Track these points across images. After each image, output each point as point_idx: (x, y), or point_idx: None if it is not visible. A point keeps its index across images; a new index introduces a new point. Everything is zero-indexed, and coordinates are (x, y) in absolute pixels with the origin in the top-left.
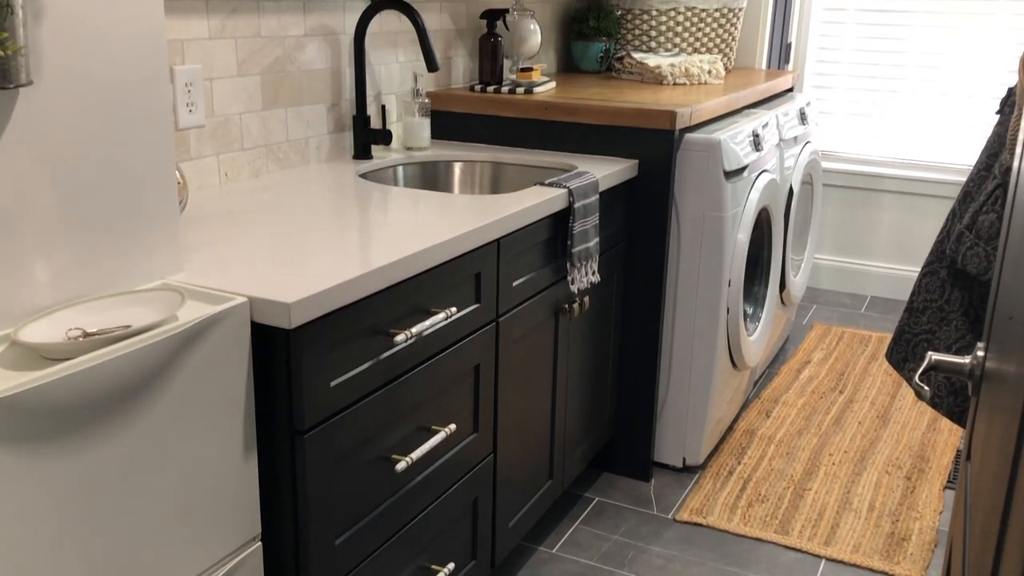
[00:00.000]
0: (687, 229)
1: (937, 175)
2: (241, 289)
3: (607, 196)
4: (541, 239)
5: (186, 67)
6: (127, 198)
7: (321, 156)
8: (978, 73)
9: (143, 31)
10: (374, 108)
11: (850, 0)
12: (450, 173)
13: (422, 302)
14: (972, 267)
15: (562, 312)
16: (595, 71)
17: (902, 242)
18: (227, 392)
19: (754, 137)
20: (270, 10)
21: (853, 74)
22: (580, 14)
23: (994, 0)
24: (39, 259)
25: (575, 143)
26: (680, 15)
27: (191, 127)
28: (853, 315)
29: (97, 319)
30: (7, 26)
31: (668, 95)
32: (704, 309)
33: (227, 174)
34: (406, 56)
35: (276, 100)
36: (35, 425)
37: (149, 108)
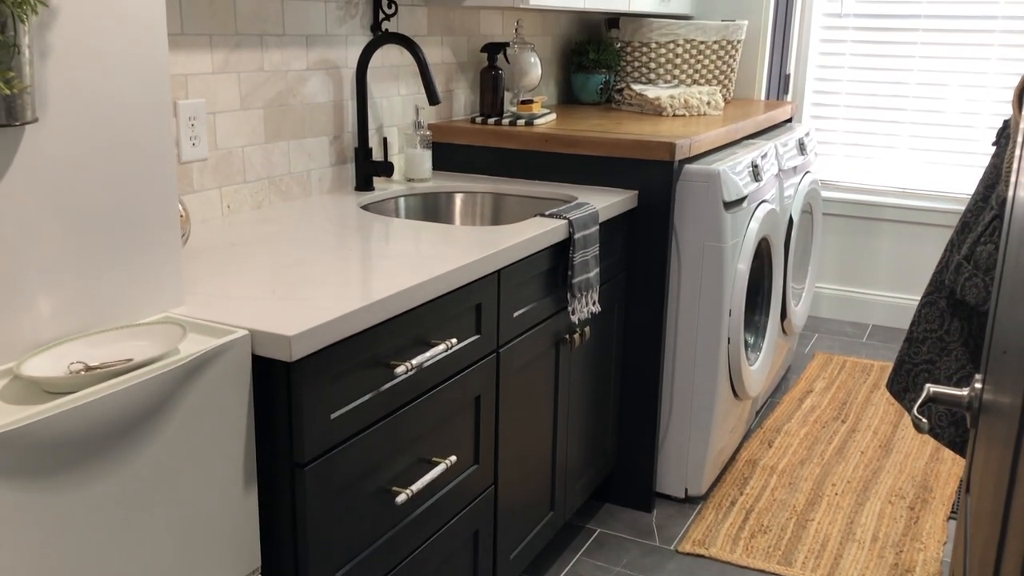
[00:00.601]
0: (687, 259)
1: (936, 204)
2: (242, 322)
3: (607, 227)
4: (541, 270)
5: (189, 101)
6: (130, 232)
7: (323, 188)
8: (976, 102)
9: (147, 67)
10: (376, 140)
11: (848, 32)
12: (451, 204)
13: (423, 333)
14: (971, 297)
15: (563, 342)
16: (595, 102)
17: (903, 271)
18: (227, 425)
19: (753, 168)
20: (273, 45)
21: (852, 104)
22: (580, 47)
23: (990, 32)
24: (42, 293)
25: (575, 174)
26: (679, 47)
27: (194, 160)
28: (855, 344)
29: (99, 352)
30: (13, 65)
31: (668, 126)
32: (705, 339)
33: (229, 206)
34: (408, 89)
35: (279, 133)
36: (37, 459)
37: (152, 143)
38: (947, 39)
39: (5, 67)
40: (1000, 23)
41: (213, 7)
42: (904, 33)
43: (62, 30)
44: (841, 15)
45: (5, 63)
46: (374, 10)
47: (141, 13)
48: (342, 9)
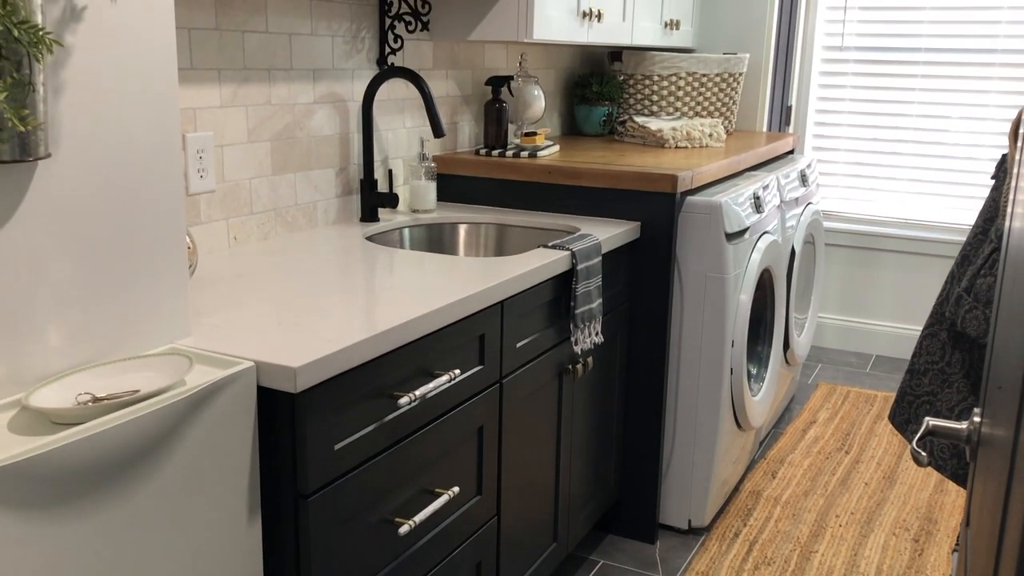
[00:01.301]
0: (690, 290)
1: (938, 235)
2: (248, 353)
3: (610, 257)
4: (544, 300)
5: (198, 134)
6: (138, 264)
7: (329, 219)
8: (977, 134)
9: (158, 102)
10: (381, 172)
11: (848, 65)
12: (455, 235)
13: (426, 364)
14: (971, 330)
15: (566, 373)
16: (598, 134)
17: (906, 301)
18: (232, 455)
19: (755, 199)
20: (280, 79)
21: (853, 136)
22: (583, 79)
23: (989, 66)
24: (52, 325)
25: (578, 206)
26: (681, 80)
27: (202, 192)
28: (858, 374)
29: (106, 383)
30: (28, 103)
31: (670, 158)
32: (708, 369)
33: (236, 238)
34: (413, 121)
35: (285, 165)
36: (44, 490)
37: (161, 176)
38: (947, 72)
39: (20, 105)
40: (999, 56)
41: (222, 42)
42: (904, 66)
43: (75, 68)
44: (842, 48)
45: (20, 101)
46: (380, 44)
47: (153, 50)
48: (348, 44)
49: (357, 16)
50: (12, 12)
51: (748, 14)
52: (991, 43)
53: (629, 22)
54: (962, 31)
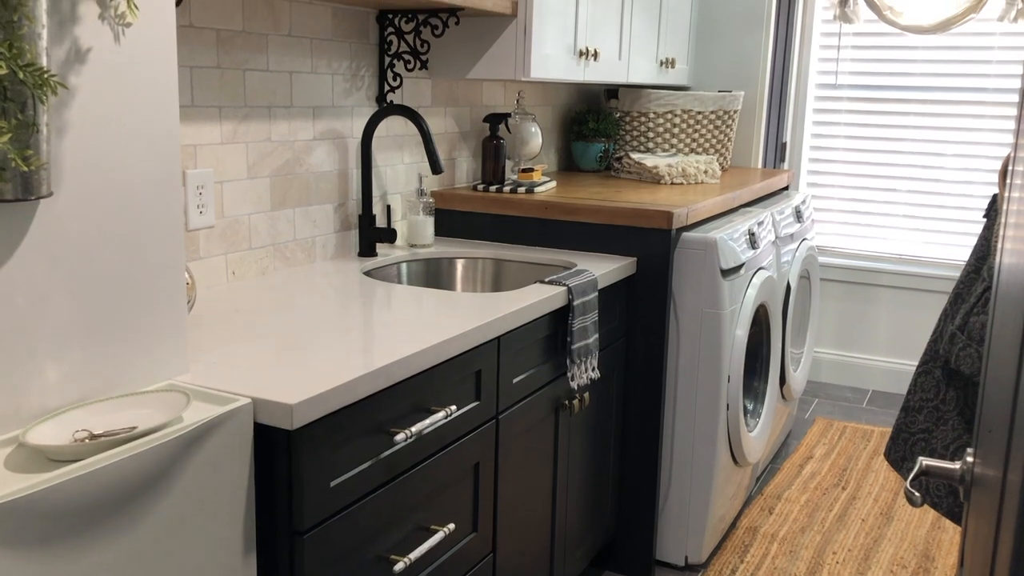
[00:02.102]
0: (686, 325)
1: (933, 271)
2: (245, 390)
3: (606, 293)
4: (541, 336)
5: (198, 171)
6: (137, 300)
7: (327, 254)
8: (971, 171)
9: (159, 140)
10: (380, 207)
11: (842, 102)
12: (453, 270)
13: (423, 400)
14: (965, 368)
15: (562, 408)
16: (595, 170)
17: (901, 336)
18: (228, 492)
19: (750, 235)
20: (280, 116)
21: (848, 172)
22: (580, 116)
23: (982, 104)
24: (50, 362)
25: (575, 241)
26: (677, 117)
27: (201, 228)
28: (855, 409)
29: (104, 420)
30: (31, 143)
31: (666, 194)
32: (704, 405)
33: (234, 273)
34: (411, 158)
35: (284, 201)
36: (41, 528)
37: (162, 214)
38: (940, 110)
39: (23, 146)
40: (991, 95)
41: (223, 80)
42: (897, 104)
43: (79, 107)
44: (835, 86)
45: (23, 142)
46: (379, 82)
47: (155, 89)
48: (348, 82)
49: (357, 55)
50: (18, 55)
51: (743, 52)
52: (982, 82)
53: (625, 61)
54: (954, 70)
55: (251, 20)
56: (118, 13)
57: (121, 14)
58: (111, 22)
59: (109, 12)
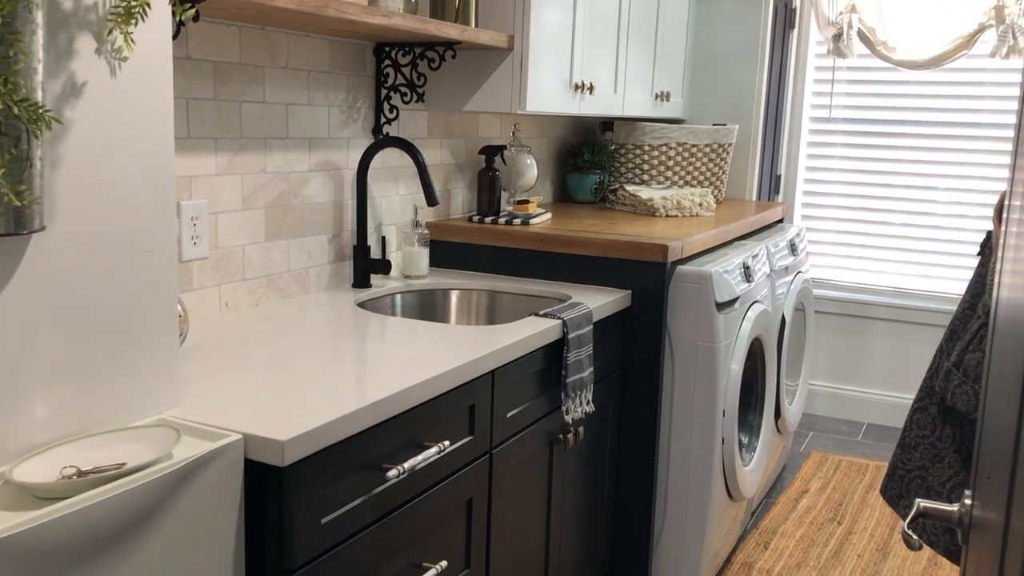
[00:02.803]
0: (681, 359)
1: (928, 304)
2: (236, 425)
3: (601, 326)
4: (535, 369)
5: (193, 202)
6: (129, 334)
7: (321, 285)
8: (964, 205)
9: (154, 173)
10: (374, 238)
11: (836, 136)
12: (447, 301)
13: (415, 435)
14: (961, 405)
15: (556, 442)
16: (590, 202)
17: (896, 369)
18: (218, 529)
19: (745, 269)
20: (276, 147)
21: (842, 205)
22: (575, 148)
23: (974, 139)
24: (39, 397)
25: (570, 273)
26: (672, 150)
27: (195, 259)
28: (850, 442)
29: (92, 456)
30: (25, 178)
31: (660, 227)
32: (699, 439)
33: (227, 304)
34: (407, 189)
35: (279, 232)
36: (27, 567)
37: (155, 247)
38: (933, 144)
39: (16, 180)
40: (983, 130)
41: (219, 112)
42: (891, 137)
43: (73, 141)
44: (829, 119)
45: (16, 176)
46: (376, 114)
47: (151, 122)
48: (345, 113)
49: (354, 87)
50: (13, 90)
51: (737, 86)
52: (975, 117)
53: (620, 94)
54: (947, 105)
55: (248, 52)
56: (115, 47)
57: (118, 48)
58: (107, 56)
59: (106, 46)
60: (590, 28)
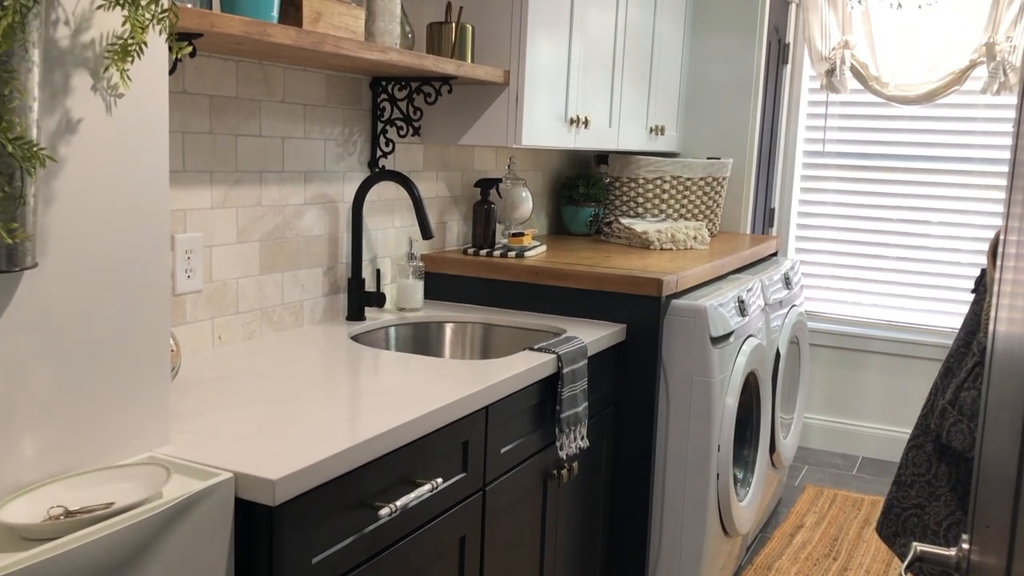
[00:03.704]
0: (675, 394)
1: (922, 337)
2: (227, 463)
3: (595, 360)
4: (530, 404)
5: (187, 235)
6: (120, 370)
7: (315, 318)
8: (958, 239)
9: (148, 209)
10: (369, 271)
11: (830, 169)
12: (441, 334)
13: (408, 473)
14: (957, 443)
15: (550, 478)
16: (585, 234)
17: (891, 403)
18: (207, 570)
19: (739, 303)
20: (272, 181)
21: (836, 238)
22: (571, 181)
23: (967, 174)
24: (28, 435)
25: (564, 306)
26: (666, 183)
27: (188, 292)
28: (845, 477)
29: (80, 496)
30: (17, 216)
31: (655, 260)
32: (694, 474)
33: (220, 337)
34: (402, 222)
35: (273, 265)
36: None
37: (148, 282)
38: (926, 178)
39: (9, 218)
40: (976, 165)
41: (215, 145)
42: (884, 172)
43: (68, 178)
44: (823, 153)
45: (9, 214)
46: (372, 148)
47: (146, 158)
48: (341, 147)
49: (350, 120)
50: (8, 128)
51: (731, 120)
52: (968, 152)
53: (615, 128)
54: (939, 140)
55: (245, 86)
56: (111, 84)
57: (114, 85)
58: (103, 93)
59: (102, 83)
60: (585, 63)
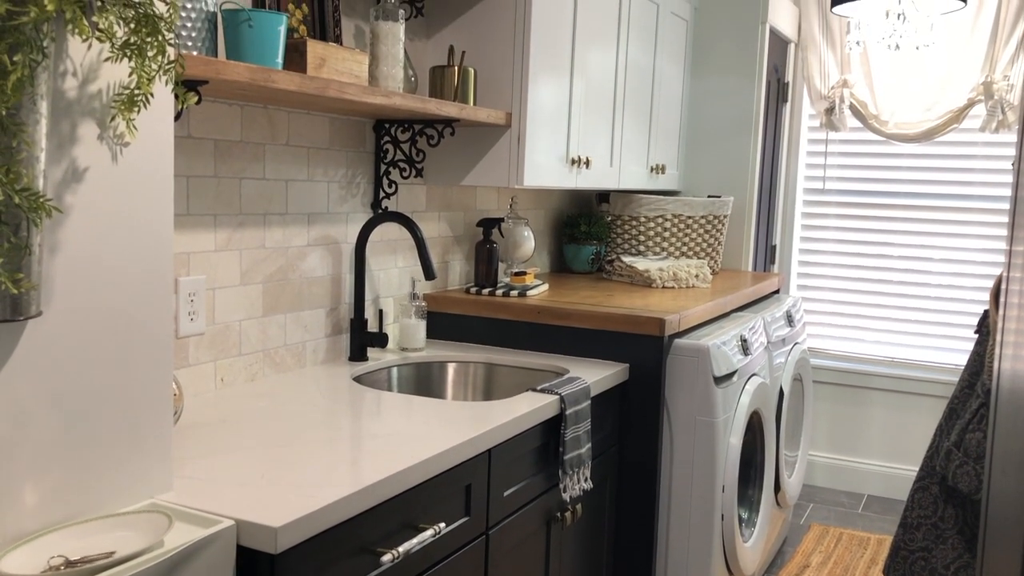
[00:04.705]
0: (679, 434)
1: (925, 374)
2: (229, 509)
3: (598, 400)
4: (533, 446)
5: (190, 278)
6: (123, 417)
7: (317, 359)
8: (959, 276)
9: (152, 255)
10: (372, 311)
11: (830, 207)
12: (444, 374)
13: (411, 518)
14: (963, 486)
15: (554, 521)
16: (587, 272)
17: (896, 440)
18: None
19: (742, 341)
20: (275, 223)
21: (837, 275)
22: (572, 219)
23: (968, 211)
24: (29, 484)
25: (567, 346)
26: (667, 221)
27: (191, 335)
28: (851, 515)
29: (81, 545)
30: (23, 266)
31: (657, 299)
32: (698, 515)
33: (223, 379)
34: (405, 261)
35: (276, 306)
36: None
37: (151, 328)
38: (926, 215)
39: (15, 268)
40: (976, 202)
41: (219, 189)
42: (884, 209)
43: (73, 226)
44: (823, 190)
45: (15, 264)
46: (375, 189)
47: (150, 205)
48: (344, 189)
49: (353, 163)
50: (15, 180)
51: (732, 158)
52: (967, 189)
53: (616, 168)
54: (939, 177)
55: (249, 130)
56: (117, 133)
57: (120, 134)
58: (109, 142)
59: (108, 132)
60: (586, 104)
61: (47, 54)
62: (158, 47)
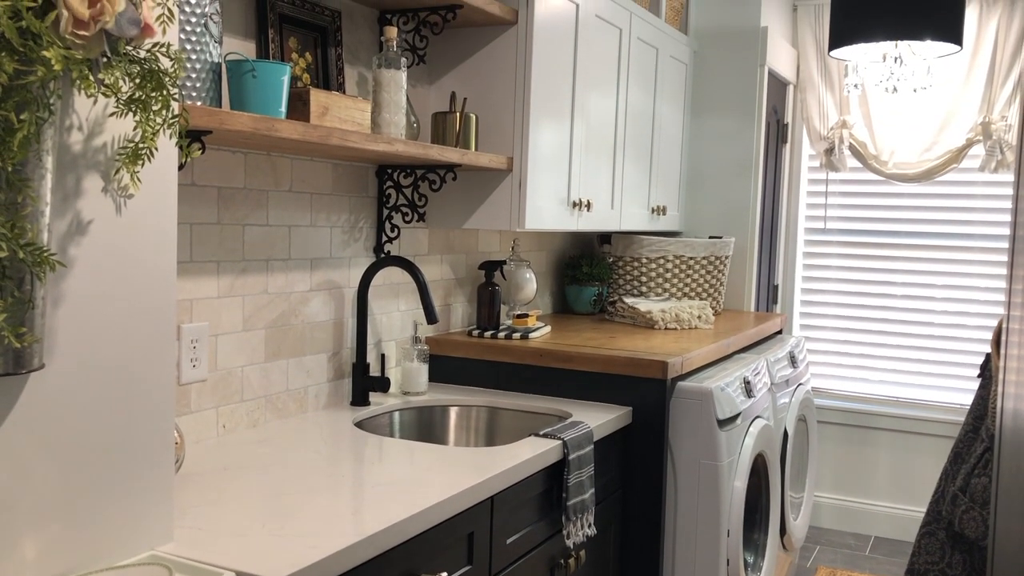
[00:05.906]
0: (683, 477)
1: (930, 414)
2: (229, 560)
3: (601, 444)
4: (535, 492)
5: (193, 325)
6: (124, 468)
7: (319, 404)
8: (962, 315)
9: (155, 305)
10: (374, 355)
11: (832, 246)
12: (446, 419)
13: (412, 567)
14: (970, 531)
15: (557, 568)
16: (589, 313)
17: (902, 480)
18: None
19: (745, 384)
20: (278, 269)
21: (840, 315)
22: (574, 261)
23: (969, 250)
24: (29, 537)
25: (570, 389)
26: (669, 262)
27: (193, 382)
28: (858, 557)
29: None
30: (26, 320)
31: (660, 341)
32: (703, 561)
33: (225, 426)
34: (407, 305)
35: (279, 352)
36: None
37: (153, 377)
38: (928, 255)
39: (18, 322)
40: (977, 241)
41: (222, 235)
42: (886, 248)
43: (76, 279)
44: (824, 230)
45: (18, 318)
46: (377, 234)
47: (153, 256)
48: (347, 234)
49: (356, 208)
50: (19, 235)
51: (732, 199)
52: (968, 228)
53: (617, 210)
54: (939, 216)
55: (253, 177)
56: (121, 186)
57: (124, 187)
58: (113, 194)
59: (112, 185)
60: (587, 147)
61: (53, 111)
62: (163, 101)
